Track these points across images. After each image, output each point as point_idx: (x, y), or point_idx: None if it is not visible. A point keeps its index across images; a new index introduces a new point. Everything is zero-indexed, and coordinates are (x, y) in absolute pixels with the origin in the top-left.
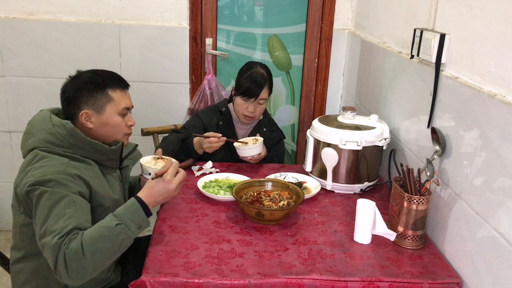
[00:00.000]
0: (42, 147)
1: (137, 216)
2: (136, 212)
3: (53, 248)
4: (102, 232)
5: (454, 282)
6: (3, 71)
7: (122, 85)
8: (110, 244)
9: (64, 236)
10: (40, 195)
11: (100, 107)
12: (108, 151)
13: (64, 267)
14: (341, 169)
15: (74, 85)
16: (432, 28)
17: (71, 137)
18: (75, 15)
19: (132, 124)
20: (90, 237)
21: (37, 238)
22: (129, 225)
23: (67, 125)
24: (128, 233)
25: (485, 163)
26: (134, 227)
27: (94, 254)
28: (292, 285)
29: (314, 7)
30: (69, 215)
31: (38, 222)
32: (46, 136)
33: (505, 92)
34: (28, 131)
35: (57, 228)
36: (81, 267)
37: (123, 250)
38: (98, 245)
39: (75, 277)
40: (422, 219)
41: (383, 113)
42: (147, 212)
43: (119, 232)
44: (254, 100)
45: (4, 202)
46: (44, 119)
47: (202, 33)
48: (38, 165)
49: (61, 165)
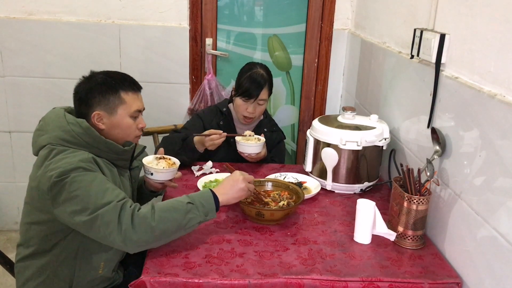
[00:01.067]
0: (56, 144)
1: (207, 203)
2: (207, 199)
3: (115, 208)
4: (174, 204)
5: (454, 282)
6: (3, 71)
7: (134, 87)
8: (179, 216)
9: (121, 200)
10: (72, 181)
11: (112, 109)
12: (122, 151)
13: (130, 225)
14: (341, 169)
15: (87, 86)
16: (432, 28)
17: (86, 136)
18: (75, 15)
19: (143, 127)
20: (162, 205)
21: (81, 218)
22: (199, 207)
23: (83, 123)
24: (196, 214)
25: (485, 163)
26: (202, 211)
27: (162, 221)
28: (292, 285)
29: (314, 7)
30: (112, 188)
31: (78, 204)
32: (61, 133)
33: (505, 92)
34: (40, 127)
35: (110, 199)
36: (149, 228)
37: (189, 231)
38: (169, 213)
39: (141, 236)
40: (422, 219)
41: (383, 113)
42: (216, 203)
43: (189, 210)
44: (254, 101)
45: (4, 202)
46: (58, 116)
47: (202, 33)
48: (60, 157)
49: (83, 154)
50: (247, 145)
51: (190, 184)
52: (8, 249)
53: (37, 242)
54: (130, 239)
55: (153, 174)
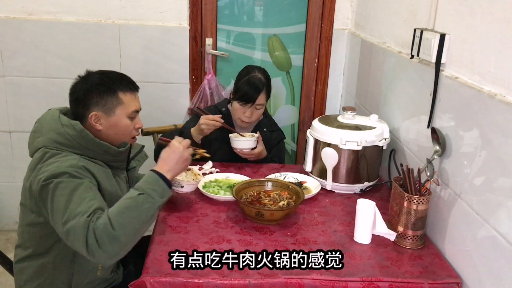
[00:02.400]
0: (50, 147)
1: (157, 185)
2: (155, 182)
3: (82, 227)
4: (126, 203)
5: (454, 282)
6: (3, 71)
7: (132, 88)
8: (136, 213)
9: (91, 214)
10: (55, 187)
11: (110, 109)
12: (116, 152)
13: (96, 243)
14: (341, 169)
15: (84, 86)
16: (432, 28)
17: (80, 138)
18: (75, 15)
19: (140, 127)
20: (115, 210)
21: (59, 228)
22: (151, 194)
23: (77, 126)
24: (152, 201)
25: (485, 163)
26: (157, 196)
27: (123, 225)
28: (292, 285)
29: (314, 7)
30: (90, 198)
31: (58, 212)
32: (55, 136)
33: (505, 92)
34: (36, 129)
35: (82, 210)
36: (114, 239)
37: (152, 221)
38: (124, 215)
39: (110, 250)
40: (422, 219)
41: (383, 113)
42: (167, 182)
43: (143, 201)
44: (251, 105)
45: (4, 202)
46: (53, 118)
47: (202, 33)
48: (51, 161)
49: (73, 159)
50: (239, 139)
51: None
52: (8, 249)
53: (33, 243)
54: (100, 256)
55: (183, 187)
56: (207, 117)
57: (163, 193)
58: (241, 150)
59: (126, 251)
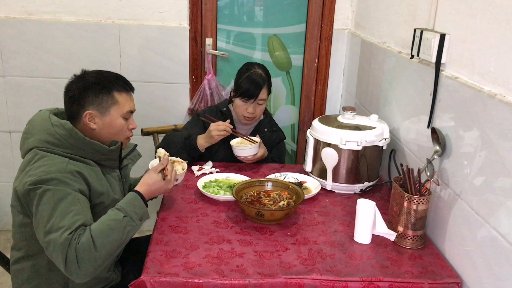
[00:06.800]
0: (41, 147)
1: (140, 209)
2: (139, 206)
3: (63, 243)
4: (111, 225)
5: (454, 282)
6: (3, 71)
7: (127, 88)
8: (119, 235)
9: (73, 231)
10: (42, 193)
11: (105, 108)
12: (107, 151)
13: (76, 262)
14: (341, 169)
15: (80, 85)
16: (432, 28)
17: (70, 138)
18: (75, 15)
19: (134, 128)
20: (99, 230)
21: (40, 235)
22: (133, 217)
23: (66, 125)
24: (133, 225)
25: (485, 163)
26: (137, 219)
27: (105, 246)
28: (292, 285)
29: (314, 7)
30: (75, 212)
31: (42, 220)
32: (45, 136)
33: (505, 92)
34: (27, 131)
35: (65, 224)
36: (93, 260)
37: (127, 242)
38: (108, 237)
39: (88, 269)
40: (422, 219)
41: (383, 113)
42: (146, 205)
43: (126, 224)
44: (254, 101)
45: (4, 202)
46: (43, 119)
47: (202, 33)
48: (39, 164)
49: (62, 163)
50: (242, 148)
51: (190, 184)
52: (8, 249)
53: (25, 244)
54: (76, 274)
55: (177, 180)
56: (217, 123)
57: (142, 216)
58: (245, 157)
59: (101, 268)
